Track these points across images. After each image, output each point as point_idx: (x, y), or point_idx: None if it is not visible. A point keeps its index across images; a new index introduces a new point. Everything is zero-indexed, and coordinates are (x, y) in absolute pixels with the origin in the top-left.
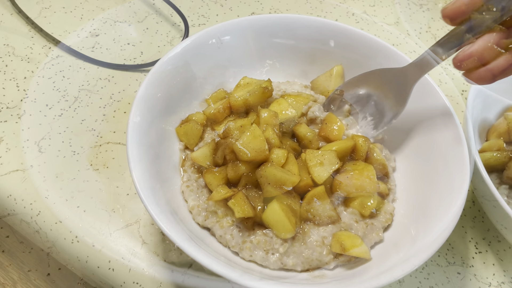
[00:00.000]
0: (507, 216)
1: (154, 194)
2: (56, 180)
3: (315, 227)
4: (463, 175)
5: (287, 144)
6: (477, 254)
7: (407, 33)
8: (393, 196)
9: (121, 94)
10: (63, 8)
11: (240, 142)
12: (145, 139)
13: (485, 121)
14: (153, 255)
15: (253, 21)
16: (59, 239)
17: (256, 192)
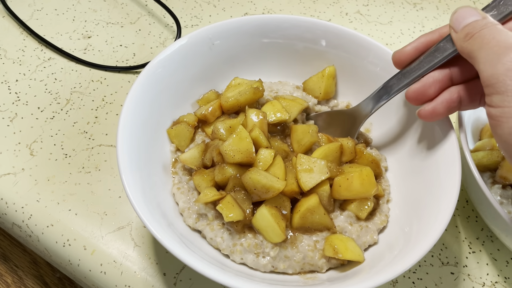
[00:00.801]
0: (499, 216)
1: (144, 197)
2: (48, 183)
3: (308, 234)
4: (454, 175)
5: (275, 145)
6: (471, 254)
7: (400, 33)
8: (387, 196)
9: (114, 96)
10: (55, 10)
11: (226, 144)
12: (135, 141)
13: (478, 121)
14: (145, 257)
15: (244, 21)
16: (51, 242)
17: (245, 195)
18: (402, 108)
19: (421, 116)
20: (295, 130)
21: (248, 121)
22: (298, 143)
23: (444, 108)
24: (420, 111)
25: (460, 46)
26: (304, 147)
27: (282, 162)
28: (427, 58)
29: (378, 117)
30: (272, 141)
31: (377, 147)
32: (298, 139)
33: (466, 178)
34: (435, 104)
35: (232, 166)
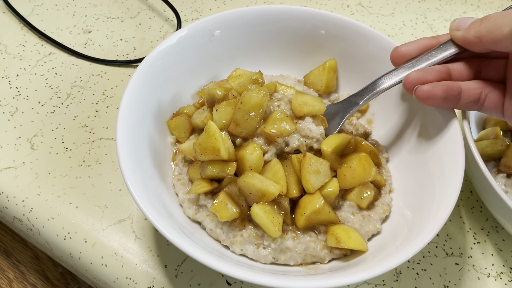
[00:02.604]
0: (505, 205)
1: (145, 188)
2: (49, 176)
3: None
4: (458, 164)
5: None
6: (476, 245)
7: (403, 24)
8: (389, 187)
9: (114, 90)
10: (55, 6)
11: (197, 142)
12: (135, 133)
13: None
14: (146, 250)
15: (244, 12)
16: (52, 235)
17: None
18: (405, 99)
19: (418, 95)
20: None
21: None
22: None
23: (442, 92)
24: (417, 90)
25: (471, 35)
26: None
27: (279, 164)
28: (425, 57)
29: (380, 108)
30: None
31: (379, 138)
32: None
33: (470, 168)
34: (434, 85)
35: (214, 164)
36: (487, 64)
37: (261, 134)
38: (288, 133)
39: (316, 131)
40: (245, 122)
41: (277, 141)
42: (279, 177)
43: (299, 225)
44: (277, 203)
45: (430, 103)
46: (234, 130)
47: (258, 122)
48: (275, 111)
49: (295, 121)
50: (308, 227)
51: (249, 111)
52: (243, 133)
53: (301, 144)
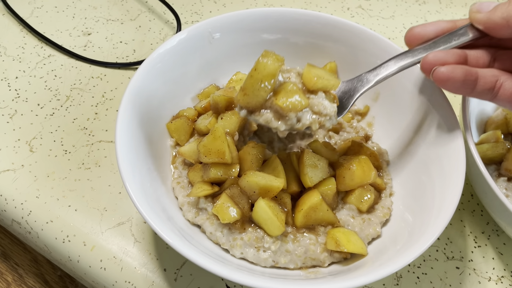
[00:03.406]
0: (505, 209)
1: (144, 192)
2: (48, 179)
3: (311, 231)
4: (459, 168)
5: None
6: (476, 248)
7: (403, 27)
8: (390, 190)
9: (114, 93)
10: (55, 8)
11: (201, 144)
12: (134, 136)
13: (482, 113)
14: (145, 253)
15: (244, 15)
16: (51, 238)
17: (243, 190)
18: (406, 100)
19: (436, 76)
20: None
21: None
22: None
23: (462, 75)
24: (436, 71)
25: (498, 17)
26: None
27: (278, 159)
28: (442, 40)
29: (381, 111)
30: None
31: (379, 140)
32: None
33: (471, 171)
34: (454, 68)
35: (217, 167)
36: (503, 54)
37: (270, 107)
38: (302, 107)
39: (330, 108)
40: (255, 92)
41: (289, 115)
42: (278, 171)
43: (298, 223)
44: (279, 200)
45: (448, 86)
46: (242, 100)
47: (268, 94)
48: (287, 82)
49: (307, 95)
50: (307, 227)
51: (261, 80)
52: (250, 104)
53: (313, 121)
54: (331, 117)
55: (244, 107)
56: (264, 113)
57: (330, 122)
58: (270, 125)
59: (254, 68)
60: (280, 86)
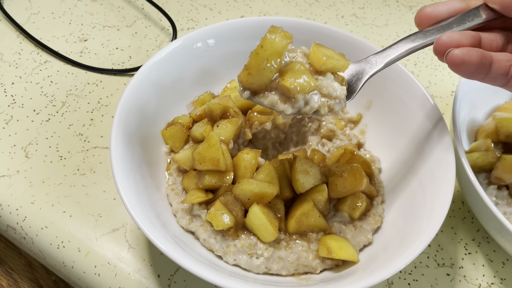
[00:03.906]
0: (494, 217)
1: (138, 198)
2: (43, 185)
3: (304, 237)
4: (449, 177)
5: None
6: (467, 255)
7: (396, 35)
8: (381, 197)
9: (109, 99)
10: (51, 14)
11: (195, 151)
12: (129, 142)
13: (473, 121)
14: (139, 259)
15: (238, 23)
16: (45, 244)
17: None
18: (398, 109)
19: (451, 59)
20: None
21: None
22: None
23: (477, 58)
24: (451, 54)
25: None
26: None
27: (271, 165)
28: (455, 20)
29: (373, 119)
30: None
31: (372, 148)
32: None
33: (461, 180)
34: (469, 50)
35: (211, 174)
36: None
37: (276, 88)
38: (311, 89)
39: (340, 91)
40: (260, 71)
41: (297, 97)
42: (272, 177)
43: (290, 229)
44: (273, 206)
45: (462, 70)
46: (245, 80)
47: (274, 74)
48: (294, 62)
49: (315, 76)
50: (299, 234)
51: (267, 58)
52: (254, 85)
53: (322, 104)
54: (341, 101)
55: (247, 88)
56: (269, 95)
57: (340, 106)
58: (275, 108)
59: (260, 45)
60: (287, 66)
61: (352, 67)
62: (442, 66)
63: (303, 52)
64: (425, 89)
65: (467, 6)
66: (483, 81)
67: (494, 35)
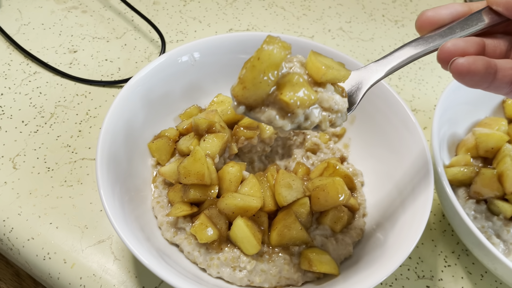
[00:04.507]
0: (471, 232)
1: (123, 211)
2: (30, 196)
3: (286, 250)
4: (427, 191)
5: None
6: (446, 268)
7: (382, 49)
8: (363, 210)
9: (98, 110)
10: (42, 25)
11: (181, 165)
12: (115, 155)
13: (454, 136)
14: (124, 271)
15: (225, 38)
16: (32, 255)
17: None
18: (381, 123)
19: (455, 68)
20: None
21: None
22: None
23: (483, 67)
24: (455, 63)
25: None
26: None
27: (255, 179)
28: (458, 25)
29: (357, 133)
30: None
31: (355, 161)
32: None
33: (440, 194)
34: (475, 59)
35: (196, 188)
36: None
37: (274, 103)
38: (311, 103)
39: (341, 104)
40: (256, 85)
41: (296, 112)
42: (256, 190)
43: (273, 241)
44: (257, 219)
45: (467, 79)
46: (240, 94)
47: (272, 87)
48: (292, 73)
49: (314, 88)
50: (282, 246)
51: (264, 71)
52: (250, 99)
53: (323, 119)
54: (342, 114)
55: (242, 102)
56: (266, 110)
57: (342, 119)
58: (274, 124)
59: (256, 57)
60: (284, 78)
61: (351, 75)
62: (425, 81)
63: (300, 61)
64: (406, 105)
65: (469, 9)
66: (486, 90)
67: (498, 41)
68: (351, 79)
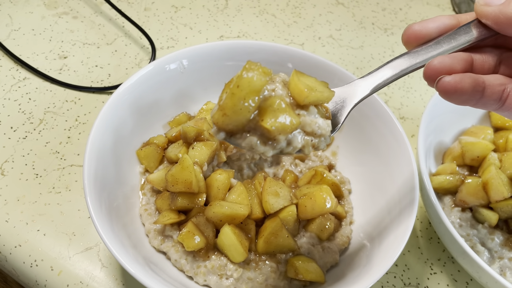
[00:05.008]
0: (455, 241)
1: (110, 218)
2: (18, 203)
3: (273, 258)
4: (412, 199)
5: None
6: (432, 275)
7: (371, 57)
8: (350, 218)
9: (87, 117)
10: (32, 30)
11: (169, 173)
12: (103, 162)
13: (441, 144)
14: (112, 278)
15: (214, 46)
16: (19, 262)
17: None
18: (368, 132)
19: (442, 87)
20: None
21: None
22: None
23: (470, 86)
24: (442, 82)
25: (510, 11)
26: None
27: (243, 186)
28: (446, 40)
29: (344, 141)
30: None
31: (342, 169)
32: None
33: (426, 202)
34: (461, 77)
35: (184, 196)
36: (509, 57)
37: (255, 129)
38: (293, 128)
39: (324, 127)
40: (236, 111)
41: (278, 138)
42: (243, 197)
43: (260, 249)
44: (244, 226)
45: (454, 98)
46: (221, 121)
47: (252, 113)
48: (273, 97)
49: (297, 112)
50: (268, 254)
51: (244, 98)
52: (230, 126)
53: (306, 144)
54: (326, 137)
55: (223, 129)
56: (247, 136)
57: (325, 142)
58: (255, 150)
59: (236, 85)
60: (265, 102)
61: (336, 93)
62: (414, 88)
63: (283, 81)
64: (393, 114)
65: (458, 22)
66: (474, 107)
67: (486, 55)
68: (336, 97)
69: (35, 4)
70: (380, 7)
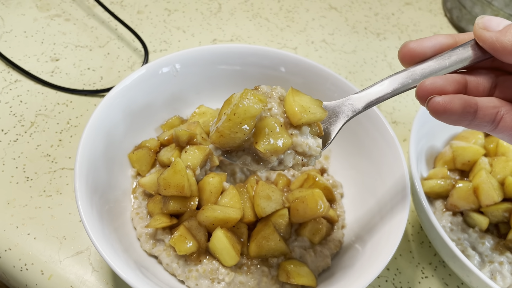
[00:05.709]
0: (445, 245)
1: (101, 222)
2: (8, 206)
3: (265, 262)
4: (404, 203)
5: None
6: (423, 279)
7: (363, 62)
8: (342, 222)
9: (79, 119)
10: (24, 32)
11: (161, 177)
12: (95, 165)
13: (433, 149)
14: (102, 282)
15: (206, 50)
16: (8, 266)
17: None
18: (361, 136)
19: (432, 107)
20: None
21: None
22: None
23: (460, 107)
24: (432, 101)
25: (508, 40)
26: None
27: (235, 190)
28: (440, 60)
29: (338, 145)
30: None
31: (335, 173)
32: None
33: (417, 206)
34: (451, 98)
35: (176, 200)
36: (505, 80)
37: (249, 149)
38: (285, 149)
39: (315, 148)
40: (232, 134)
41: (270, 159)
42: (236, 201)
43: (252, 252)
44: (236, 230)
45: (444, 118)
46: (218, 142)
47: (248, 135)
48: (268, 118)
49: (290, 131)
50: (260, 258)
51: (240, 123)
52: (226, 146)
53: (296, 163)
54: (316, 156)
55: (220, 148)
56: (242, 154)
57: (314, 160)
58: (248, 167)
59: (233, 112)
60: (261, 122)
61: (330, 107)
62: (406, 93)
63: (280, 97)
64: (385, 118)
65: (455, 42)
66: (468, 127)
67: (481, 78)
68: (329, 111)
69: (27, 6)
70: (373, 12)
